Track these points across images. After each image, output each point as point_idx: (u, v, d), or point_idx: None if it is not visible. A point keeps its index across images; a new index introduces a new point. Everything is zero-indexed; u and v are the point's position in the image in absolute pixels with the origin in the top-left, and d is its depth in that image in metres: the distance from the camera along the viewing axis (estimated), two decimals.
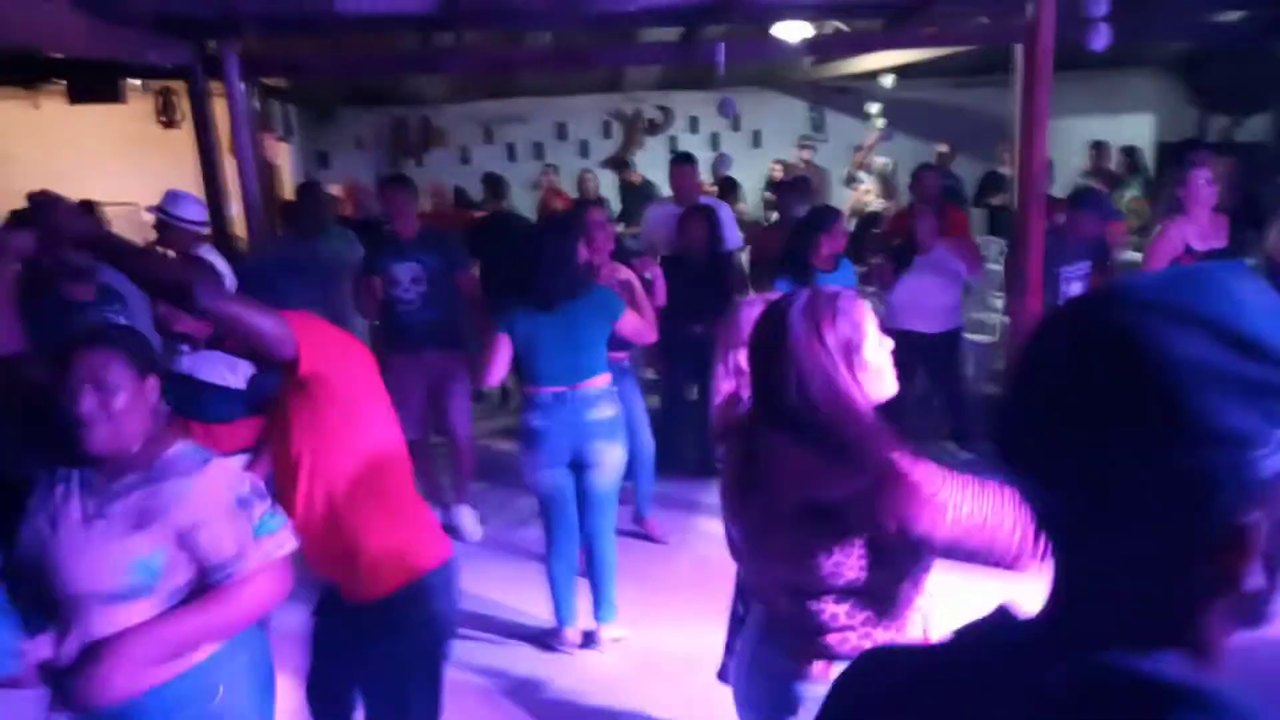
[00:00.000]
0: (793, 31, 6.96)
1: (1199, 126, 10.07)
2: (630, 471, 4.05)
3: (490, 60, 7.25)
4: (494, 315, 3.61)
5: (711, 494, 5.04)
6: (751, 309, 1.99)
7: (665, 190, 6.69)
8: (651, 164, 9.78)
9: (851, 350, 1.65)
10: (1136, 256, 6.09)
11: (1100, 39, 4.42)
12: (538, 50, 7.36)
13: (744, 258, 6.46)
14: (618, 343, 3.79)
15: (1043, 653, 0.69)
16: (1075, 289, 4.57)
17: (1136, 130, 9.73)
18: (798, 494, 1.60)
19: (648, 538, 4.66)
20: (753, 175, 9.70)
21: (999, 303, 6.82)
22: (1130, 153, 8.49)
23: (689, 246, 5.16)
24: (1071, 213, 4.91)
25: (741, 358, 2.30)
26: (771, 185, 8.76)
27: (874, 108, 8.77)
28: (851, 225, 6.82)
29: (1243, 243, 4.66)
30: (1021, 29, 6.16)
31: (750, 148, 10.78)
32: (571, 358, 3.51)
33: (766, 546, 1.72)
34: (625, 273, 4.15)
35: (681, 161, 5.75)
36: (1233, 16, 6.73)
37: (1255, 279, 0.66)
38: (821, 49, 6.72)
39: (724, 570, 2.35)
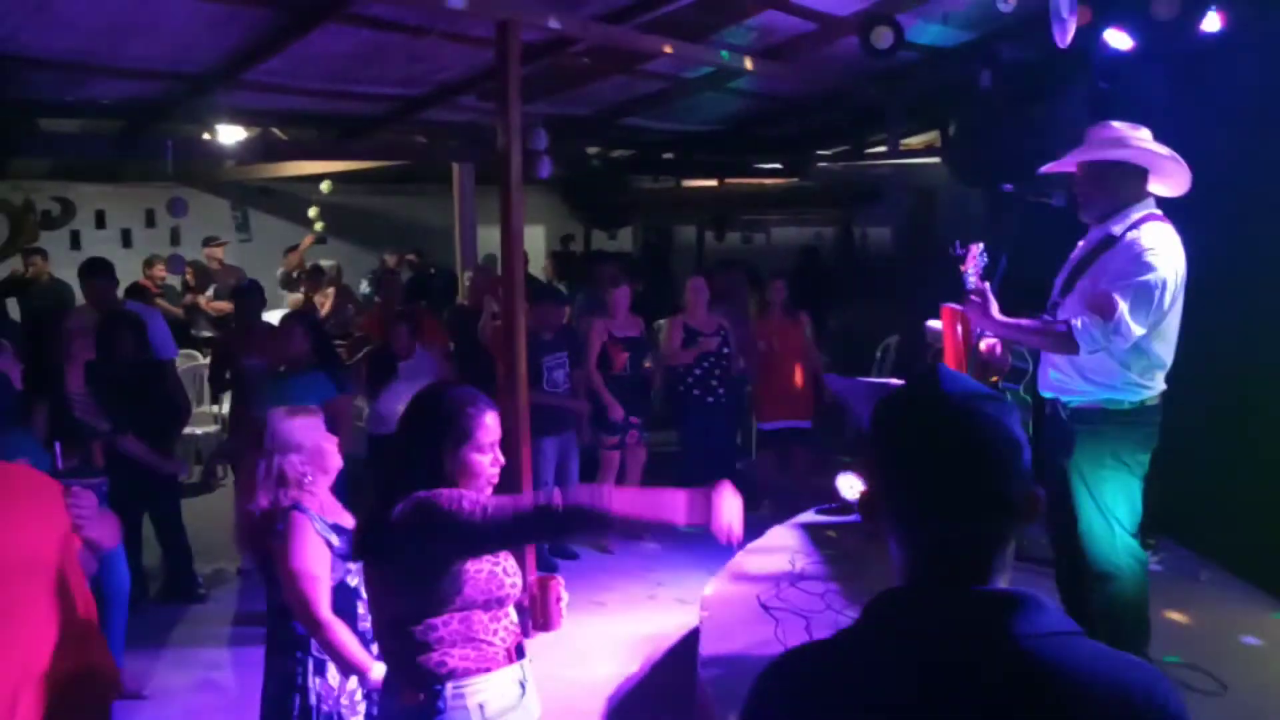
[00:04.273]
0: (234, 135, 6.93)
1: (584, 238, 12.06)
2: None
3: None
4: None
5: None
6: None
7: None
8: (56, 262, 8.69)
9: None
10: None
11: (545, 169, 5.27)
12: None
13: None
14: None
15: (926, 601, 1.01)
16: (559, 376, 5.30)
17: (532, 238, 11.23)
18: None
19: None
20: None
21: None
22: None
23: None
24: (535, 308, 5.51)
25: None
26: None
27: (313, 211, 8.93)
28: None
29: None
30: (459, 150, 7.00)
31: (169, 245, 10.20)
32: None
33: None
34: None
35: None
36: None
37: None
38: (276, 154, 6.80)
39: None
